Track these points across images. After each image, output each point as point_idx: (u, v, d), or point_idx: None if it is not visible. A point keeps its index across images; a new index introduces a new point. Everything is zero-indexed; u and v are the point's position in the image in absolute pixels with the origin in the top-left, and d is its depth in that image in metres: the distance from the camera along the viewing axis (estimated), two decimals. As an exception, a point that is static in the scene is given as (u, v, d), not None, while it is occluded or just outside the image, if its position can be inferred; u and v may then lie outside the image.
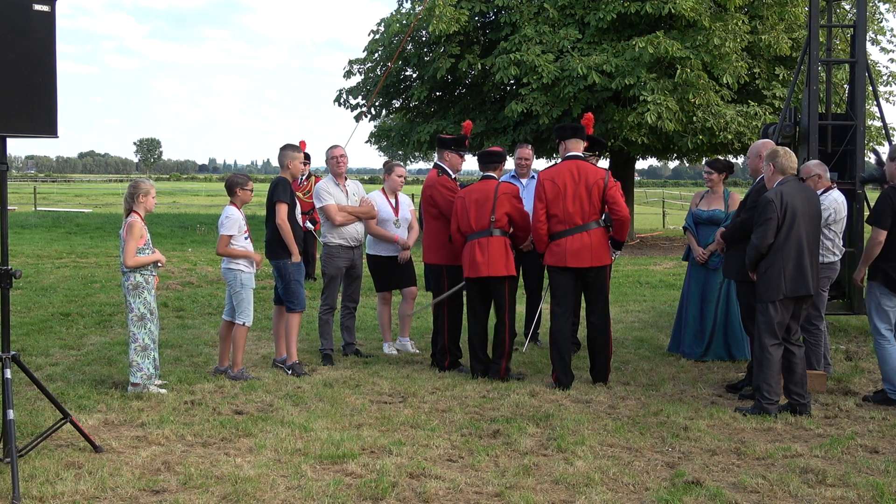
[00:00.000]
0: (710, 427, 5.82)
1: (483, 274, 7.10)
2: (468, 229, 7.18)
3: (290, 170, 7.38)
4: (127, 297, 6.62)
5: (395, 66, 20.62)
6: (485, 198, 7.13)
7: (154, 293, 6.72)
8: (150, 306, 6.64)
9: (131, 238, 6.51)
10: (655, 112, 17.27)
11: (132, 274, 6.57)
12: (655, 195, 55.71)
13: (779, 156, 6.23)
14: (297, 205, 7.56)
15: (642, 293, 12.83)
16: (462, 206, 7.24)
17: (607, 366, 7.09)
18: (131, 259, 6.51)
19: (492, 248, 7.09)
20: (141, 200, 6.62)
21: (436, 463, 5.05)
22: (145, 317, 6.61)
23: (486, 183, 7.25)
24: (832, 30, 10.18)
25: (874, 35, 21.68)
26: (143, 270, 6.60)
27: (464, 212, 7.21)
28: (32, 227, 23.99)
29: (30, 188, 47.59)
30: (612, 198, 6.92)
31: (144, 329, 6.59)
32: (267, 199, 7.34)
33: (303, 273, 7.41)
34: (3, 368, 4.76)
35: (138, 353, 6.55)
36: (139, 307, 6.58)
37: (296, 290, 7.31)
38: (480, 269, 7.10)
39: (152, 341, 6.64)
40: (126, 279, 6.59)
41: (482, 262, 7.10)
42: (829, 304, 8.69)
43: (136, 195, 6.61)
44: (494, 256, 7.08)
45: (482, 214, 7.11)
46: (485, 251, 7.10)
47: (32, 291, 11.91)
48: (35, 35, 4.70)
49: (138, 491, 4.57)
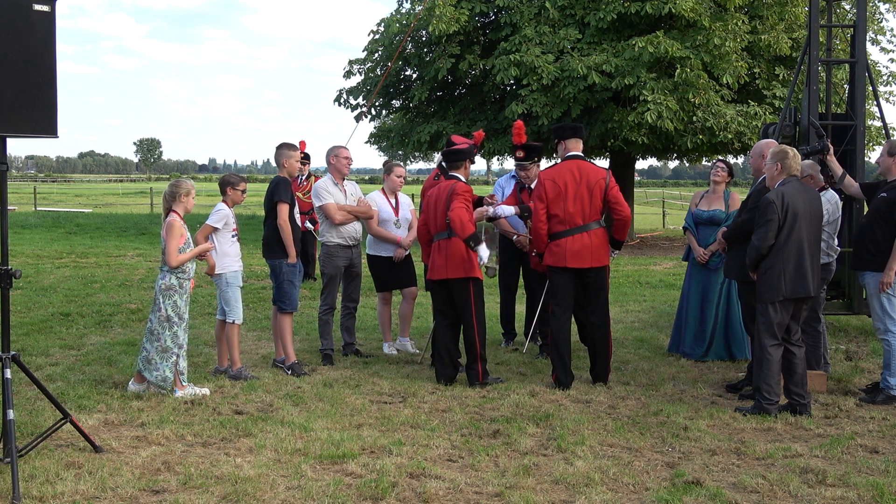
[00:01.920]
0: (710, 427, 5.82)
1: (442, 276, 6.95)
2: (434, 229, 7.10)
3: (287, 168, 7.36)
4: (157, 296, 6.56)
5: (395, 66, 20.62)
6: (441, 198, 6.99)
7: (187, 298, 6.64)
8: (179, 310, 6.55)
9: (172, 237, 6.47)
10: (655, 112, 17.27)
11: (169, 274, 6.52)
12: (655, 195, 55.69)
13: (788, 156, 6.20)
14: (297, 205, 7.55)
15: (642, 293, 12.83)
16: (426, 204, 7.21)
17: (607, 366, 7.09)
18: (175, 258, 6.47)
19: (451, 249, 6.93)
20: (182, 200, 6.59)
21: (436, 463, 5.05)
22: (172, 319, 6.52)
23: (447, 182, 7.09)
24: (832, 30, 10.18)
25: (874, 35, 21.67)
26: (180, 274, 6.54)
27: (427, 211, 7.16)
28: (32, 227, 23.98)
29: (30, 188, 47.59)
30: (615, 198, 6.91)
31: (169, 331, 6.50)
32: (266, 199, 7.33)
33: (298, 274, 7.39)
34: (3, 368, 4.76)
35: (158, 353, 6.46)
36: (167, 308, 6.50)
37: (288, 291, 7.28)
38: (439, 272, 6.96)
39: (177, 346, 6.52)
40: (161, 278, 6.54)
41: (441, 264, 6.96)
42: (829, 304, 8.70)
43: (177, 195, 6.59)
44: (454, 257, 6.92)
45: (438, 215, 7.02)
46: (443, 252, 6.97)
47: (32, 291, 11.91)
48: (35, 35, 4.69)
49: (138, 491, 4.57)
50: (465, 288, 6.94)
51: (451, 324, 7.10)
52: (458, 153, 7.23)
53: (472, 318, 6.93)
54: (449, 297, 7.06)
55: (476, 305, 6.95)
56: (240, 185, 7.16)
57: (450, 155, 7.25)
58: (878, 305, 6.52)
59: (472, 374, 6.99)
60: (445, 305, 7.10)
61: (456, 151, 7.24)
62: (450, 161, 7.23)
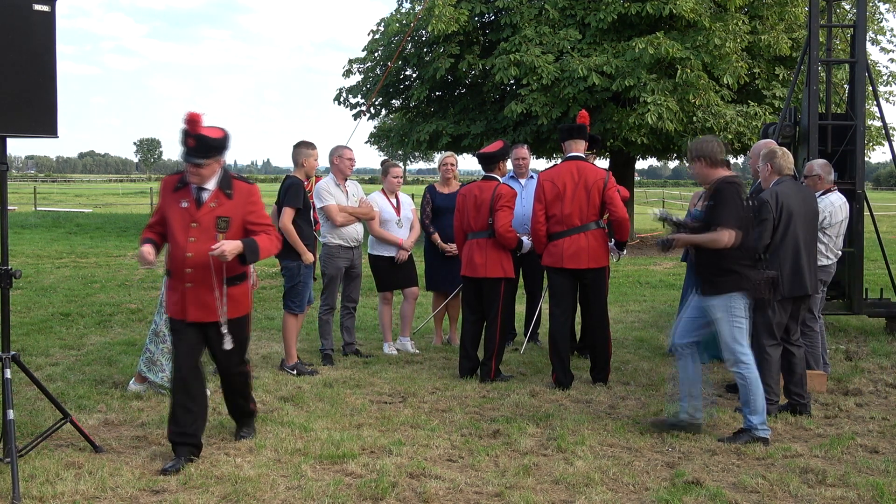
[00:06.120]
0: (710, 427, 5.82)
1: (481, 275, 7.10)
2: (469, 228, 7.19)
3: (305, 168, 7.35)
4: (163, 298, 6.53)
5: (394, 66, 20.62)
6: (484, 199, 7.11)
7: None
8: None
9: None
10: (656, 112, 17.27)
11: None
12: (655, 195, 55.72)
13: (776, 156, 6.21)
14: (311, 206, 7.52)
15: (642, 293, 12.83)
16: (462, 203, 7.25)
17: (607, 366, 7.09)
18: None
19: (490, 248, 7.08)
20: None
21: (436, 463, 5.05)
22: None
23: (488, 184, 7.21)
24: (832, 30, 10.18)
25: (874, 35, 21.67)
26: None
27: (464, 210, 7.22)
28: (32, 227, 23.98)
29: (30, 188, 47.60)
30: (610, 199, 6.91)
31: None
32: (277, 200, 7.33)
33: (311, 276, 7.41)
34: (3, 368, 4.76)
35: (165, 356, 6.43)
36: None
37: (300, 292, 7.30)
38: (478, 270, 7.11)
39: None
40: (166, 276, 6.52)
41: (480, 262, 7.10)
42: (829, 304, 8.69)
43: None
44: (493, 257, 7.07)
45: (481, 215, 7.12)
46: (483, 251, 7.10)
47: (32, 291, 11.91)
48: (35, 35, 4.69)
49: (138, 491, 4.57)
50: (497, 287, 7.13)
51: (476, 319, 7.29)
52: (491, 157, 7.36)
53: (498, 316, 7.12)
54: (479, 293, 7.22)
55: (504, 305, 7.15)
56: None
57: (484, 159, 7.38)
58: (728, 332, 5.52)
59: (485, 371, 7.12)
60: (475, 300, 7.26)
61: (489, 155, 7.36)
62: (486, 164, 7.36)
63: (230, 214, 4.95)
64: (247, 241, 4.92)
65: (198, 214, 4.92)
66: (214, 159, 4.89)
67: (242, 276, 5.14)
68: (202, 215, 4.92)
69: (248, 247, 4.91)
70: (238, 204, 4.98)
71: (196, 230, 4.92)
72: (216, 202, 4.94)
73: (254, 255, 4.94)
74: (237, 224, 4.97)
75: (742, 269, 5.49)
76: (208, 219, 4.92)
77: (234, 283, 5.05)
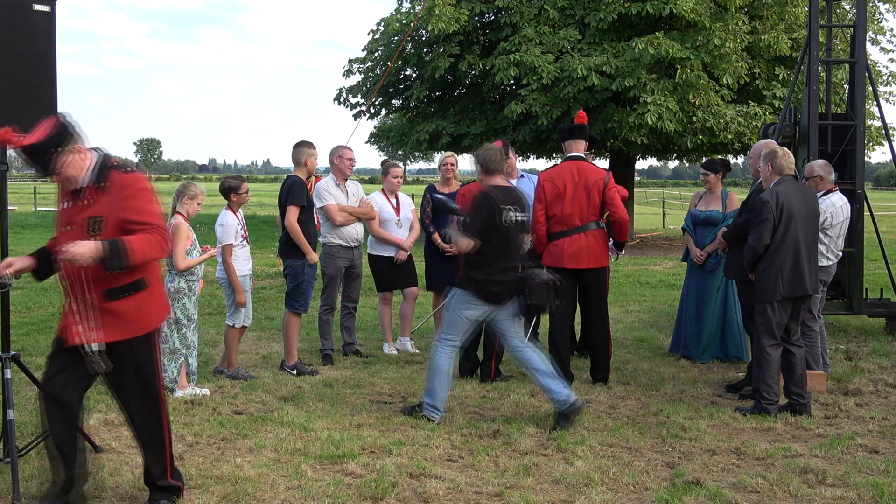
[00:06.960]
0: (710, 427, 5.82)
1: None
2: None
3: (307, 167, 7.37)
4: None
5: (394, 66, 20.63)
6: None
7: (195, 300, 6.63)
8: (188, 312, 6.54)
9: (178, 240, 6.41)
10: (655, 113, 17.28)
11: (177, 277, 6.49)
12: (655, 195, 55.70)
13: (777, 156, 6.21)
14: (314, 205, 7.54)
15: (642, 293, 12.83)
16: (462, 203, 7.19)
17: (607, 366, 7.09)
18: (182, 262, 6.42)
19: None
20: (185, 202, 6.54)
21: (436, 463, 5.05)
22: (181, 322, 6.51)
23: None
24: (832, 30, 10.19)
25: (874, 35, 21.69)
26: (189, 276, 6.52)
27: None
28: (32, 227, 23.98)
29: (30, 188, 47.55)
30: (610, 199, 6.90)
31: (178, 333, 6.50)
32: (279, 200, 7.33)
33: (315, 275, 7.42)
34: (3, 368, 4.76)
35: (166, 355, 6.44)
36: (176, 311, 6.47)
37: (304, 291, 7.32)
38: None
39: (185, 347, 6.53)
40: (169, 281, 6.48)
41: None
42: (829, 304, 8.70)
43: (182, 195, 6.56)
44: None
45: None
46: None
47: (32, 291, 11.90)
48: (35, 35, 4.70)
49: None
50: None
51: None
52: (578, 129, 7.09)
53: None
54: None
55: None
56: (242, 189, 7.14)
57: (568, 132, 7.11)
58: None
59: (485, 371, 7.14)
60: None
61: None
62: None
63: (103, 213, 4.02)
64: (109, 242, 3.91)
65: (72, 216, 4.10)
66: (57, 156, 3.98)
67: (135, 286, 4.11)
68: (74, 216, 4.08)
69: (108, 248, 3.89)
70: (112, 199, 4.05)
71: (71, 234, 4.05)
72: (90, 199, 4.06)
73: (117, 258, 3.90)
74: (112, 223, 4.01)
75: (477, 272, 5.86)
76: (80, 220, 4.05)
77: (121, 296, 4.08)
